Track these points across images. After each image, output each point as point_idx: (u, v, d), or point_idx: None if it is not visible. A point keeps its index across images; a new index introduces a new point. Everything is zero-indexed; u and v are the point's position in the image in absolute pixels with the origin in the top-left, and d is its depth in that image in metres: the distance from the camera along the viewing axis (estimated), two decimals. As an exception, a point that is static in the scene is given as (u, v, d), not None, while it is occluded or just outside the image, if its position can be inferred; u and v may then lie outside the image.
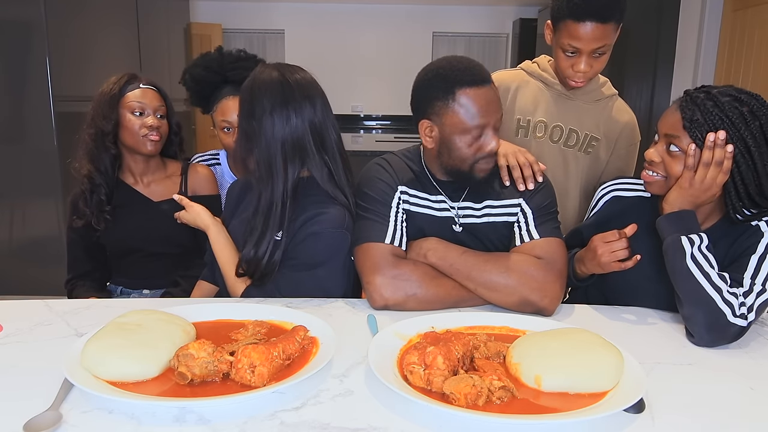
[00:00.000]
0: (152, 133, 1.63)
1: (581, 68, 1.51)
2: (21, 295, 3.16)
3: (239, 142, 1.34)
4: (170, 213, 1.64)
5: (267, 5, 6.82)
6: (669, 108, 1.22)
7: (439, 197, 1.37)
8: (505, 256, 1.29)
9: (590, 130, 1.66)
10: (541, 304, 1.23)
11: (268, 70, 1.31)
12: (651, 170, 1.23)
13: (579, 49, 1.48)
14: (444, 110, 1.24)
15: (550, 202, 1.36)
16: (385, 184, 1.36)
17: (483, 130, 1.24)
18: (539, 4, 6.31)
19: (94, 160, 1.64)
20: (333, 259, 1.32)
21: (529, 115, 1.67)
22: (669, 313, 1.27)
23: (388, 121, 7.05)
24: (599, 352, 0.93)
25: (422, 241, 1.32)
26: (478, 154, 1.26)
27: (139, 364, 0.91)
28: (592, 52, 1.48)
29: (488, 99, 1.23)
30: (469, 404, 0.83)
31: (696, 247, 1.15)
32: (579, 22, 1.44)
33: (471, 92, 1.22)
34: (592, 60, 1.51)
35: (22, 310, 1.22)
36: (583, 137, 1.66)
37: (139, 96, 1.63)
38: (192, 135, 5.40)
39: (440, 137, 1.28)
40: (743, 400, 0.92)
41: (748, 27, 3.57)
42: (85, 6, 3.66)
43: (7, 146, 3.33)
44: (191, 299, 1.50)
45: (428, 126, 1.29)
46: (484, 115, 1.23)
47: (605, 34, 1.46)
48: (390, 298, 1.24)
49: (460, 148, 1.26)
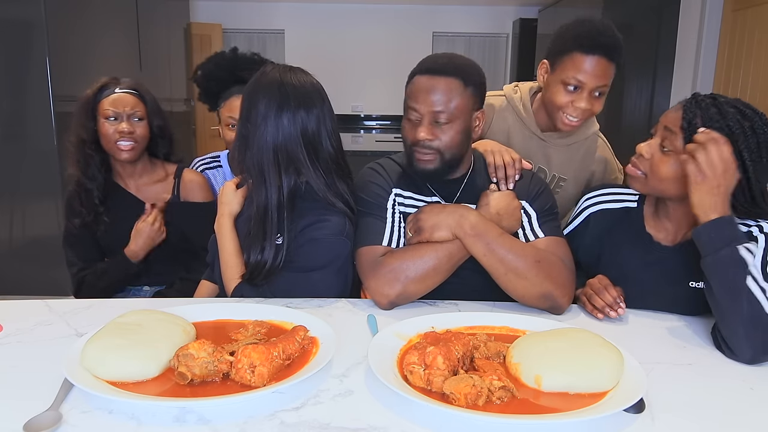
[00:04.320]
0: (124, 140, 1.61)
1: (582, 105, 1.46)
2: (21, 295, 3.16)
3: (236, 143, 1.33)
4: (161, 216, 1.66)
5: (267, 5, 6.83)
6: (675, 105, 1.21)
7: (434, 198, 1.37)
8: (536, 248, 1.27)
9: (558, 171, 1.65)
10: (560, 301, 1.23)
11: (271, 73, 1.30)
12: (636, 165, 1.22)
13: (583, 84, 1.45)
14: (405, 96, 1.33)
15: (552, 204, 1.38)
16: (379, 187, 1.37)
17: (416, 116, 1.28)
18: (539, 4, 6.31)
19: (81, 167, 1.65)
20: (330, 264, 1.31)
21: None
22: (669, 314, 1.27)
23: (388, 121, 7.06)
24: (599, 352, 0.93)
25: (460, 208, 1.27)
26: (410, 142, 1.31)
27: (139, 364, 0.91)
28: (594, 90, 1.46)
29: (423, 87, 1.27)
30: (469, 404, 0.83)
31: (753, 259, 1.06)
32: (587, 54, 1.43)
33: (419, 79, 1.28)
34: (593, 99, 1.48)
35: (22, 310, 1.22)
36: (550, 178, 1.65)
37: (112, 101, 1.61)
38: (192, 135, 5.40)
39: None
40: (743, 400, 0.92)
41: (748, 27, 3.57)
42: (85, 6, 3.66)
43: (6, 146, 3.34)
44: (191, 299, 1.50)
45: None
46: (415, 100, 1.27)
47: (608, 72, 1.45)
48: (390, 293, 1.23)
49: (403, 133, 1.34)
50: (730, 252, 1.05)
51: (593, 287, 1.26)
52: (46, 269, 3.29)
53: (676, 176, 1.17)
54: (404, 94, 1.32)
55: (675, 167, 1.16)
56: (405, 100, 1.32)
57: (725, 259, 1.06)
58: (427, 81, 1.26)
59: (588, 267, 1.40)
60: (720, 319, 1.08)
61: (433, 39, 7.02)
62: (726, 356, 1.06)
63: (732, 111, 1.12)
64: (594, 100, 1.48)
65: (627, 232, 1.30)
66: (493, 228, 1.24)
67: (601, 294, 1.23)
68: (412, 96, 1.29)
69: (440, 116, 1.25)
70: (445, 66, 1.27)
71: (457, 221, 1.23)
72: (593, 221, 1.38)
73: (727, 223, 1.07)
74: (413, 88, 1.29)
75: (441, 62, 1.28)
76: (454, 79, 1.25)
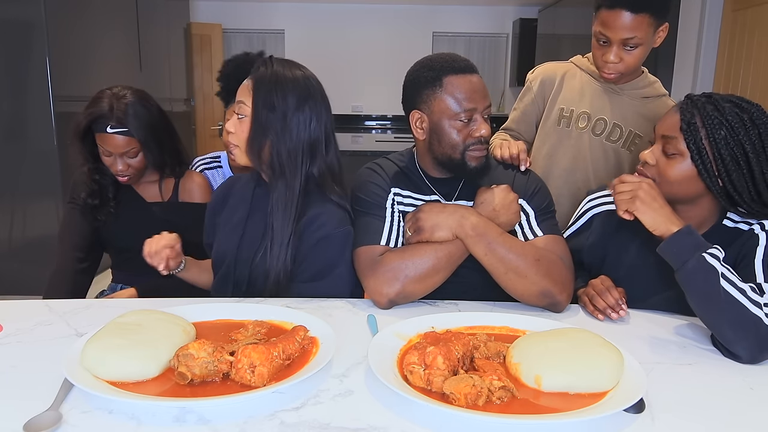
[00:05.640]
0: (120, 175, 1.66)
1: (610, 59, 1.49)
2: (21, 295, 3.16)
3: (254, 132, 1.29)
4: (159, 215, 1.68)
5: (267, 5, 6.83)
6: (669, 110, 1.21)
7: (433, 197, 1.37)
8: (535, 246, 1.27)
9: (635, 127, 1.63)
10: (559, 297, 1.24)
11: (287, 66, 1.31)
12: (643, 173, 1.22)
13: (609, 38, 1.47)
14: (432, 97, 1.27)
15: (549, 202, 1.38)
16: (378, 187, 1.37)
17: (472, 115, 1.26)
18: (539, 4, 6.31)
19: (89, 190, 1.70)
20: (347, 256, 1.32)
21: (573, 106, 1.66)
22: (669, 314, 1.27)
23: (388, 121, 7.06)
24: (599, 352, 0.93)
25: (460, 207, 1.28)
26: (468, 140, 1.27)
27: (139, 364, 0.91)
28: (622, 43, 1.47)
29: (474, 86, 1.26)
30: (469, 404, 0.83)
31: (721, 262, 1.06)
32: (610, 9, 1.44)
33: (457, 79, 1.25)
34: (623, 52, 1.49)
35: (22, 310, 1.22)
36: (627, 134, 1.63)
37: (105, 141, 1.62)
38: (192, 135, 5.41)
39: (430, 126, 1.30)
40: (743, 400, 0.92)
41: (748, 27, 3.57)
42: (85, 6, 3.66)
43: (7, 146, 3.34)
44: (191, 299, 1.50)
45: (419, 117, 1.31)
46: (471, 101, 1.25)
47: (636, 25, 1.44)
48: (390, 292, 1.23)
49: (450, 133, 1.27)
50: (697, 261, 1.06)
51: (595, 288, 1.26)
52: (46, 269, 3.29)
53: (685, 177, 1.16)
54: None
55: (683, 168, 1.16)
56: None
57: (693, 269, 1.06)
58: None
59: (591, 267, 1.39)
60: (710, 327, 1.09)
61: (433, 39, 7.02)
62: (737, 362, 1.05)
63: (728, 105, 1.13)
64: (624, 53, 1.49)
65: (633, 232, 1.30)
66: (493, 228, 1.25)
67: (603, 295, 1.23)
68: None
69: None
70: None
71: (458, 222, 1.24)
72: (597, 222, 1.38)
73: (686, 234, 1.09)
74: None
75: None
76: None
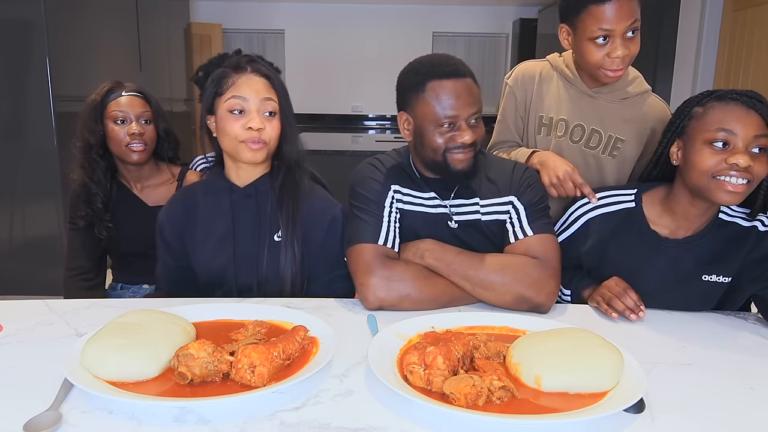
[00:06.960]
0: (135, 142, 1.63)
1: (618, 53, 1.42)
2: (21, 295, 3.17)
3: (289, 125, 1.36)
4: None
5: (267, 5, 6.83)
6: (732, 112, 1.15)
7: (431, 194, 1.37)
8: (501, 256, 1.30)
9: (615, 132, 1.58)
10: (537, 300, 1.23)
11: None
12: (742, 177, 1.13)
13: (611, 31, 1.41)
14: (416, 101, 1.27)
15: (541, 197, 1.36)
16: (379, 184, 1.36)
17: (455, 122, 1.25)
18: (539, 4, 6.31)
19: (87, 172, 1.65)
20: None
21: (552, 113, 1.62)
22: (669, 314, 1.27)
23: (388, 121, 7.05)
24: (599, 352, 0.93)
25: (419, 242, 1.33)
26: (449, 143, 1.26)
27: (139, 364, 0.91)
28: (625, 31, 1.42)
29: (458, 92, 1.24)
30: (469, 404, 0.83)
31: None
32: (603, 3, 1.39)
33: (440, 84, 1.24)
34: (627, 42, 1.43)
35: (22, 310, 1.22)
36: (607, 138, 1.59)
37: (120, 104, 1.63)
38: (192, 135, 5.40)
39: (414, 129, 1.30)
40: (743, 400, 0.92)
41: (748, 27, 3.57)
42: (85, 6, 3.66)
43: (6, 146, 3.33)
44: (191, 299, 1.50)
45: (405, 118, 1.32)
46: (453, 108, 1.23)
47: (631, 8, 1.41)
48: (385, 298, 1.24)
49: (432, 137, 1.26)
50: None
51: (612, 290, 1.26)
52: (46, 269, 3.29)
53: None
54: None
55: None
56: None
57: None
58: None
59: (590, 269, 1.39)
60: None
61: (433, 39, 7.02)
62: None
63: None
64: (629, 42, 1.44)
65: (631, 232, 1.29)
66: (449, 250, 1.30)
67: (623, 298, 1.24)
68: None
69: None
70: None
71: (421, 255, 1.30)
72: (594, 226, 1.36)
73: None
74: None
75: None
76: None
